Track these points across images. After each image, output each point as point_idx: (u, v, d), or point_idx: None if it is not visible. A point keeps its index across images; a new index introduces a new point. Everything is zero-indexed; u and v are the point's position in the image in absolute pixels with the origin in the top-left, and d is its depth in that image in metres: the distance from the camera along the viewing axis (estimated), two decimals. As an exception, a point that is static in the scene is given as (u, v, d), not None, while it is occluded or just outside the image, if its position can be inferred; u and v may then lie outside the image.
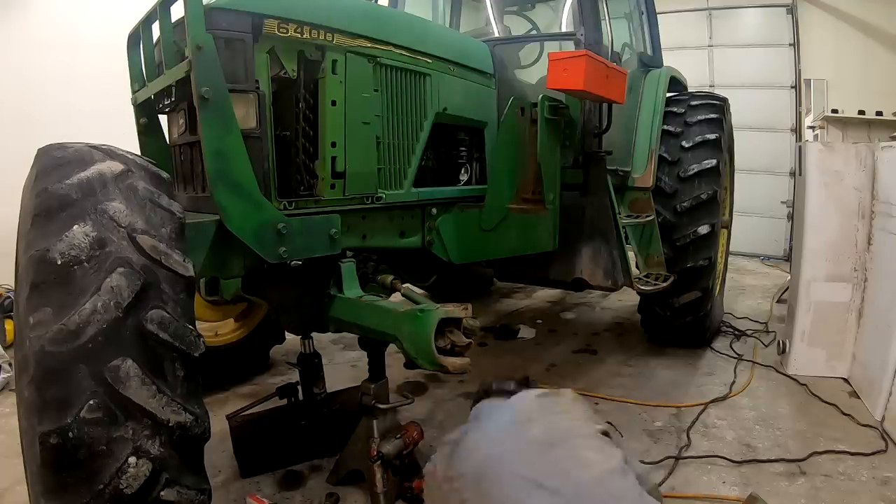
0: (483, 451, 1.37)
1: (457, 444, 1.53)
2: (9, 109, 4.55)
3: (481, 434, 1.48)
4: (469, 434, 1.55)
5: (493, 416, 1.59)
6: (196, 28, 1.61)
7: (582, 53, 2.33)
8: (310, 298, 2.19)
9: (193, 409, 1.31)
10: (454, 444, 1.55)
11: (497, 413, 1.60)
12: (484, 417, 1.61)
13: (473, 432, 1.55)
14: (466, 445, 1.43)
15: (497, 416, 1.58)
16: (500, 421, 1.55)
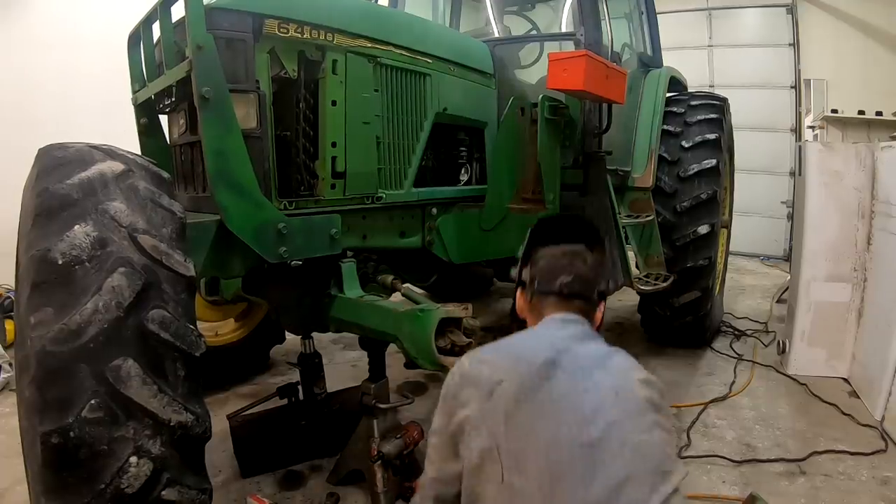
0: (516, 342, 1.25)
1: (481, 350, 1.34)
2: (9, 109, 4.55)
3: (511, 338, 1.30)
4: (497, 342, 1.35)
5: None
6: (197, 28, 1.61)
7: (582, 53, 2.33)
8: (310, 298, 2.19)
9: (194, 409, 1.32)
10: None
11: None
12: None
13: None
14: (496, 345, 1.28)
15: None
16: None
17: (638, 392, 1.11)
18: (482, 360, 1.20)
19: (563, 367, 1.12)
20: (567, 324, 1.27)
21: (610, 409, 1.05)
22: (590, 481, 0.99)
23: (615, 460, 1.00)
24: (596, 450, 1.01)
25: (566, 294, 1.29)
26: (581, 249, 1.34)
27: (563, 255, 1.33)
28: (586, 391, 1.08)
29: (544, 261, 1.34)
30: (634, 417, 1.06)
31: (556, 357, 1.13)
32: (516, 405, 1.08)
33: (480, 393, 1.13)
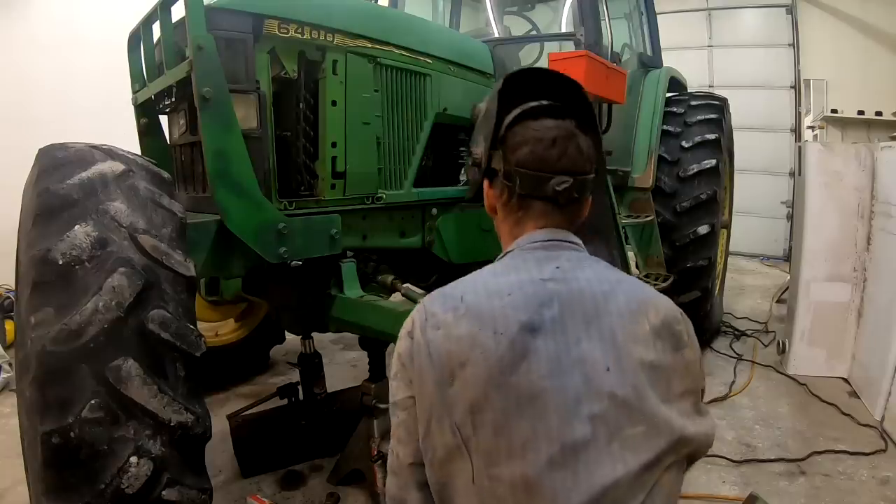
0: (484, 289, 0.94)
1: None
2: (9, 109, 4.55)
3: (478, 280, 0.99)
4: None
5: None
6: (197, 28, 1.61)
7: (582, 54, 2.34)
8: (310, 298, 2.19)
9: (194, 409, 1.32)
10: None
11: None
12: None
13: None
14: (457, 293, 0.96)
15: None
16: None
17: (640, 355, 0.87)
18: (439, 323, 0.91)
19: (545, 332, 0.86)
20: (553, 253, 0.98)
21: (599, 394, 0.83)
22: (570, 490, 0.80)
23: (602, 464, 0.81)
24: (581, 452, 0.81)
25: (561, 203, 1.00)
26: (573, 130, 1.01)
27: (553, 141, 0.99)
28: (573, 367, 0.85)
29: (528, 148, 0.99)
30: (632, 402, 0.84)
31: (536, 319, 0.87)
32: (485, 397, 0.85)
33: (439, 375, 0.88)
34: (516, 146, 1.01)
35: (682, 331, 0.94)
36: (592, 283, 0.93)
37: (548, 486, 0.80)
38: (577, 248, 1.02)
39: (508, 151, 1.02)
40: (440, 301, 0.96)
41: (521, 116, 1.03)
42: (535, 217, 1.03)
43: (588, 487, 0.80)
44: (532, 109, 1.04)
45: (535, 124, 1.01)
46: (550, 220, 1.03)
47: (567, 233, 1.04)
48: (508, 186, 1.02)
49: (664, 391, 0.88)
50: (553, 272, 0.94)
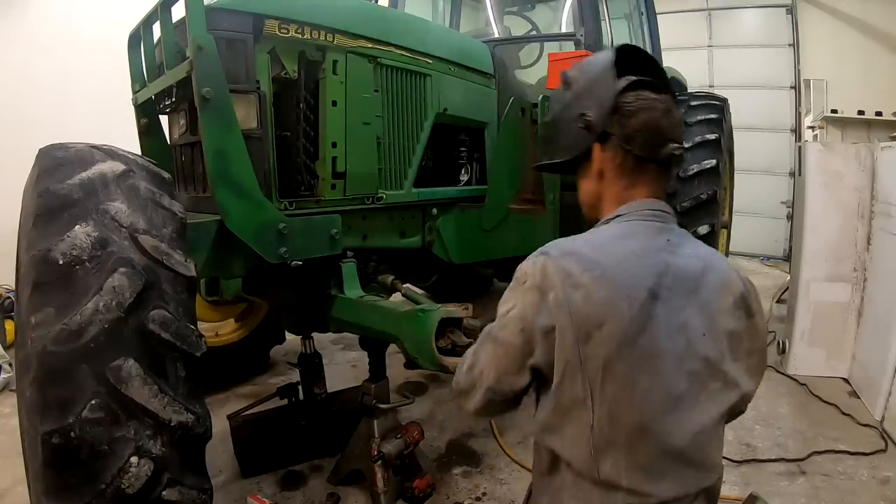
0: (611, 254, 1.04)
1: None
2: (9, 109, 4.55)
3: (602, 243, 1.09)
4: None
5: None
6: (197, 28, 1.61)
7: (582, 54, 2.34)
8: (310, 298, 2.19)
9: (195, 409, 1.32)
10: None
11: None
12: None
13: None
14: (587, 253, 1.04)
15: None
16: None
17: (725, 324, 1.02)
18: (579, 283, 0.98)
19: (662, 299, 0.98)
20: (662, 225, 1.08)
21: (696, 355, 0.99)
22: (671, 434, 0.96)
23: (694, 413, 0.98)
24: (681, 402, 0.97)
25: (670, 165, 1.11)
26: (673, 103, 1.11)
27: (666, 110, 1.09)
28: (679, 332, 0.98)
29: (645, 115, 1.07)
30: (717, 363, 1.00)
31: (657, 286, 0.99)
32: (618, 355, 0.96)
33: (576, 332, 0.96)
34: (633, 112, 1.08)
35: (751, 301, 1.10)
36: (692, 258, 1.05)
37: (656, 429, 0.96)
38: (674, 221, 1.13)
39: (625, 116, 1.08)
40: (576, 260, 1.01)
41: (633, 86, 1.10)
42: (646, 181, 1.12)
43: (684, 432, 0.97)
44: (639, 82, 1.11)
45: (645, 94, 1.09)
46: (658, 186, 1.13)
47: (665, 204, 1.12)
48: (626, 149, 1.09)
49: (736, 352, 1.04)
50: (665, 244, 1.05)
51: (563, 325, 0.97)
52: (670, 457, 0.97)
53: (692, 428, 0.97)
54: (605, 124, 1.10)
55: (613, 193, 1.14)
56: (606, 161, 1.13)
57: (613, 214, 1.12)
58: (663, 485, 0.96)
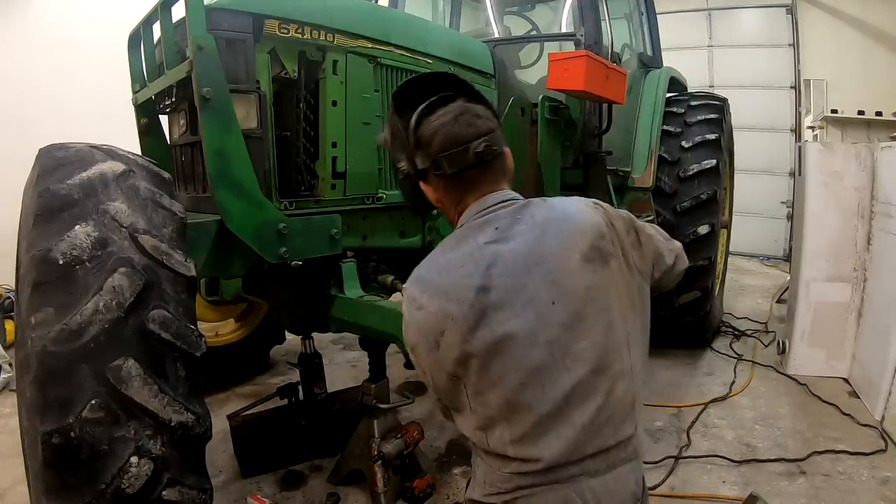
0: (443, 266, 1.14)
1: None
2: (8, 110, 4.55)
3: (437, 259, 1.19)
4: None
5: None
6: (197, 28, 1.61)
7: (582, 54, 2.34)
8: (310, 298, 2.19)
9: (195, 409, 1.32)
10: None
11: None
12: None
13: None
14: (425, 274, 1.18)
15: None
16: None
17: (576, 284, 1.07)
18: (419, 304, 1.11)
19: (496, 288, 1.06)
20: (490, 216, 1.14)
21: (549, 324, 1.05)
22: (540, 401, 1.04)
23: (560, 376, 1.04)
24: (542, 371, 1.04)
25: (487, 159, 1.14)
26: (464, 104, 1.16)
27: (455, 117, 1.13)
28: (525, 308, 1.05)
29: (439, 135, 1.13)
30: (575, 324, 1.06)
31: (485, 279, 1.06)
32: (463, 352, 1.06)
33: (427, 344, 1.10)
34: (429, 139, 1.14)
35: (608, 241, 1.13)
36: (526, 234, 1.11)
37: (522, 401, 1.05)
38: (512, 203, 1.17)
39: (425, 147, 1.15)
40: (417, 285, 1.16)
41: (420, 118, 1.16)
42: (473, 187, 1.18)
43: (553, 396, 1.04)
44: (425, 109, 1.17)
45: (433, 116, 1.15)
46: (489, 181, 1.18)
47: (501, 192, 1.19)
48: (439, 174, 1.16)
49: (604, 299, 1.10)
50: (493, 234, 1.12)
51: (416, 340, 1.13)
52: (546, 422, 1.04)
53: (560, 392, 1.04)
54: (415, 164, 1.18)
55: (454, 210, 1.23)
56: (434, 192, 1.23)
57: (457, 226, 1.22)
58: (546, 449, 1.04)
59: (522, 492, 1.06)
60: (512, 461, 1.06)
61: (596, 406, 1.06)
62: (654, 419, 3.01)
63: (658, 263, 1.26)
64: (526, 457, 1.05)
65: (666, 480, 2.42)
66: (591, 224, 1.14)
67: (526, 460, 1.05)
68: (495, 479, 1.10)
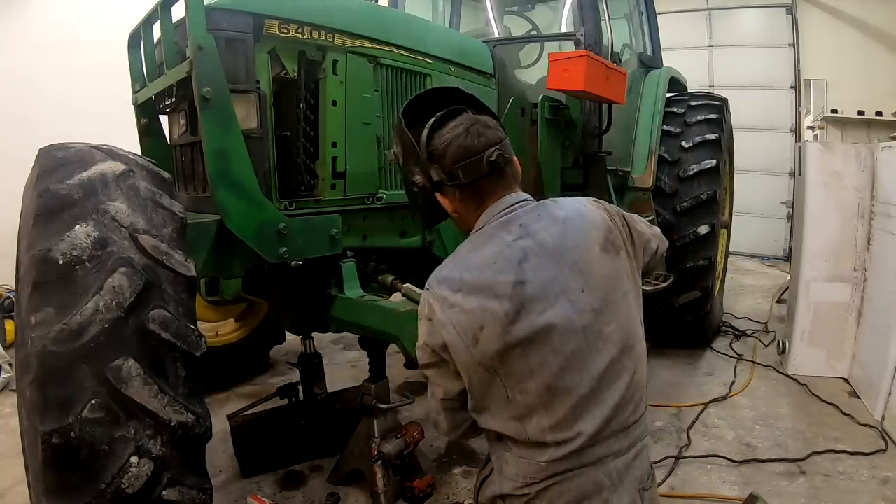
0: (475, 264, 1.19)
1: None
2: (8, 110, 4.55)
3: (466, 257, 1.24)
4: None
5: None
6: (197, 28, 1.61)
7: (582, 54, 2.34)
8: (310, 298, 2.19)
9: (195, 409, 1.32)
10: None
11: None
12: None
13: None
14: (456, 273, 1.21)
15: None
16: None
17: (599, 272, 1.17)
18: (452, 303, 1.16)
19: (529, 280, 1.13)
20: (511, 216, 1.20)
21: (583, 310, 1.14)
22: (578, 384, 1.12)
23: (594, 358, 1.14)
24: (579, 355, 1.13)
25: (500, 166, 1.21)
26: (473, 116, 1.25)
27: (467, 129, 1.21)
28: (558, 298, 1.13)
29: (452, 145, 1.20)
30: (604, 309, 1.16)
31: (519, 274, 1.13)
32: (504, 344, 1.12)
33: (464, 341, 1.14)
34: (443, 151, 1.21)
35: (615, 233, 1.25)
36: (549, 228, 1.19)
37: (562, 386, 1.12)
38: (528, 202, 1.25)
39: (439, 160, 1.22)
40: (446, 285, 1.19)
41: (431, 132, 1.24)
42: (490, 193, 1.25)
43: (589, 378, 1.13)
44: (435, 123, 1.26)
45: (445, 129, 1.23)
46: (503, 186, 1.25)
47: (515, 194, 1.26)
48: (455, 184, 1.22)
49: (623, 285, 1.22)
50: (518, 231, 1.19)
51: (451, 338, 1.15)
52: (583, 404, 1.13)
53: (595, 373, 1.14)
54: (431, 177, 1.24)
55: (472, 217, 1.28)
56: (451, 202, 1.28)
57: (475, 229, 1.27)
58: (582, 425, 1.13)
59: (557, 478, 1.13)
60: (548, 448, 1.13)
61: (624, 385, 1.17)
62: (654, 419, 3.01)
63: (647, 249, 1.40)
64: (563, 439, 1.12)
65: (666, 480, 2.42)
66: (601, 219, 1.25)
67: (562, 443, 1.12)
68: (530, 471, 1.15)
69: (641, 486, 1.20)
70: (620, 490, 1.15)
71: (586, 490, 1.13)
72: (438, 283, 1.21)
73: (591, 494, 1.13)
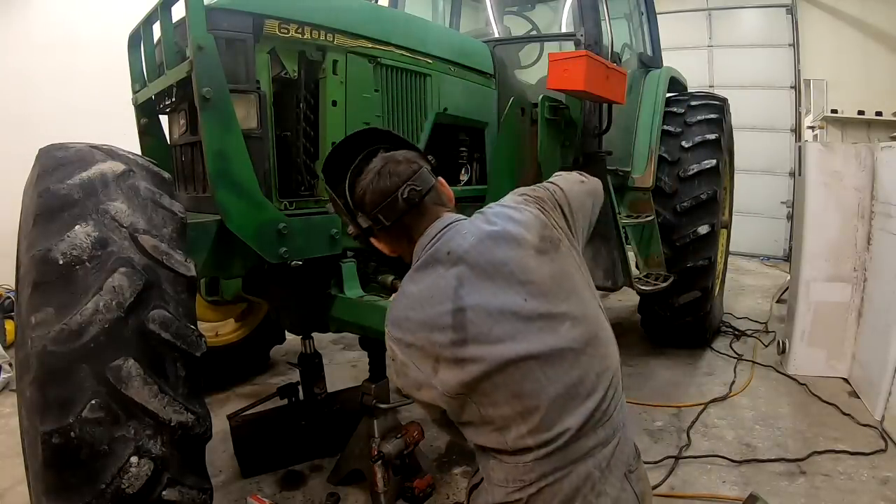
0: (417, 300, 1.21)
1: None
2: (8, 110, 4.55)
3: (409, 295, 1.26)
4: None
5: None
6: (197, 28, 1.61)
7: (582, 54, 2.34)
8: (310, 298, 2.19)
9: (195, 409, 1.32)
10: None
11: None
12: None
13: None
14: (403, 312, 1.23)
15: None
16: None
17: (539, 276, 1.17)
18: (407, 343, 1.19)
19: (468, 305, 1.13)
20: (438, 245, 1.21)
21: (531, 317, 1.14)
22: (539, 391, 1.12)
23: (557, 360, 1.14)
24: (541, 362, 1.13)
25: (416, 202, 1.22)
26: (384, 155, 1.27)
27: (378, 172, 1.23)
28: (501, 314, 1.13)
29: (368, 192, 1.23)
30: (552, 310, 1.16)
31: (456, 301, 1.14)
32: (463, 368, 1.13)
33: (427, 376, 1.17)
34: (361, 199, 1.25)
35: (550, 227, 1.24)
36: (477, 247, 1.18)
37: (530, 392, 1.12)
38: (454, 224, 1.25)
39: (360, 207, 1.26)
40: (396, 328, 1.22)
41: (353, 181, 1.28)
42: (413, 229, 1.26)
43: (558, 379, 1.13)
44: (355, 170, 1.29)
45: (363, 175, 1.26)
46: (425, 222, 1.26)
47: (441, 219, 1.26)
48: (381, 227, 1.25)
49: (569, 281, 1.22)
50: (448, 259, 1.19)
51: (416, 375, 1.18)
52: (559, 404, 1.13)
53: (562, 374, 1.14)
54: (360, 225, 1.28)
55: (408, 252, 1.31)
56: (385, 244, 1.33)
57: (413, 263, 1.28)
58: (566, 422, 1.13)
59: (548, 478, 1.13)
60: (532, 450, 1.13)
61: (598, 374, 1.17)
62: (654, 419, 3.01)
63: (585, 214, 1.40)
64: (546, 440, 1.12)
65: (666, 480, 2.42)
66: (534, 217, 1.24)
67: (545, 444, 1.12)
68: (518, 473, 1.15)
69: (628, 468, 1.21)
70: (610, 477, 1.16)
71: (577, 485, 1.13)
72: (392, 325, 1.23)
73: (582, 488, 1.14)
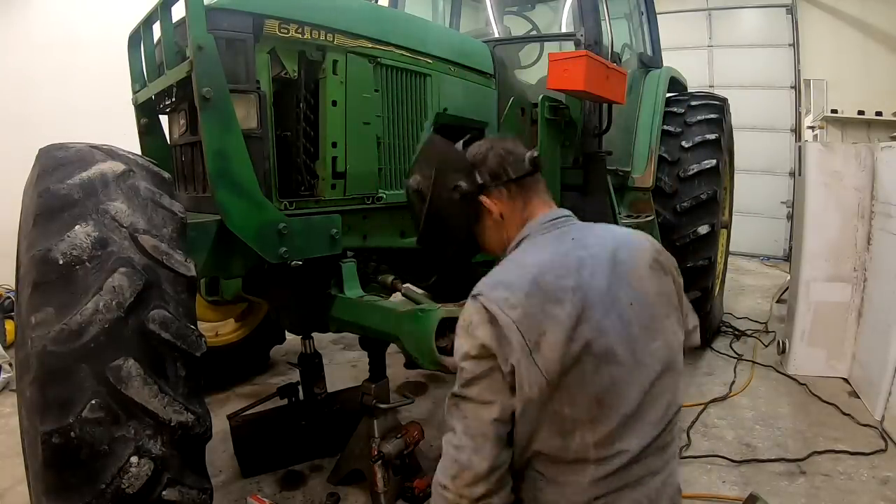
0: (535, 269, 1.15)
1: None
2: (8, 110, 4.55)
3: (526, 262, 1.20)
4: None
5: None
6: (197, 28, 1.61)
7: (582, 54, 2.33)
8: (310, 298, 2.19)
9: (195, 409, 1.32)
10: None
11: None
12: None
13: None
14: (515, 275, 1.16)
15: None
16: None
17: (647, 289, 1.18)
18: (513, 304, 1.08)
19: (588, 287, 1.10)
20: (563, 229, 1.24)
21: (630, 323, 1.12)
22: (619, 402, 1.09)
23: (642, 373, 1.12)
24: (628, 371, 1.10)
25: (539, 168, 1.28)
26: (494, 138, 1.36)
27: (498, 139, 1.32)
28: (610, 308, 1.11)
29: (493, 149, 1.30)
30: (650, 325, 1.15)
31: (578, 280, 1.11)
32: (564, 352, 1.06)
33: (528, 345, 1.06)
34: (485, 156, 1.29)
35: (663, 259, 1.26)
36: (601, 243, 1.20)
37: (610, 400, 1.09)
38: (572, 219, 1.29)
39: (482, 164, 1.28)
40: (503, 287, 1.13)
41: (464, 147, 1.34)
42: (535, 193, 1.29)
43: (635, 394, 1.11)
44: (465, 142, 1.36)
45: (473, 146, 1.32)
46: (542, 192, 1.31)
47: (560, 208, 1.30)
48: (503, 181, 1.27)
49: (667, 308, 1.22)
50: (572, 243, 1.20)
51: (514, 340, 1.07)
52: (628, 421, 1.10)
53: (640, 390, 1.11)
54: (476, 180, 1.29)
55: (515, 222, 1.29)
56: (498, 202, 1.29)
57: (519, 238, 1.27)
58: (626, 445, 1.09)
59: (600, 501, 1.09)
60: (589, 466, 1.09)
61: (665, 403, 1.15)
62: (654, 419, 3.01)
63: (688, 319, 1.34)
64: (605, 456, 1.09)
65: (666, 480, 2.42)
66: (649, 240, 1.29)
67: (603, 461, 1.08)
68: (569, 493, 1.11)
69: (672, 502, 1.18)
70: None
71: None
72: (493, 286, 1.14)
73: None
